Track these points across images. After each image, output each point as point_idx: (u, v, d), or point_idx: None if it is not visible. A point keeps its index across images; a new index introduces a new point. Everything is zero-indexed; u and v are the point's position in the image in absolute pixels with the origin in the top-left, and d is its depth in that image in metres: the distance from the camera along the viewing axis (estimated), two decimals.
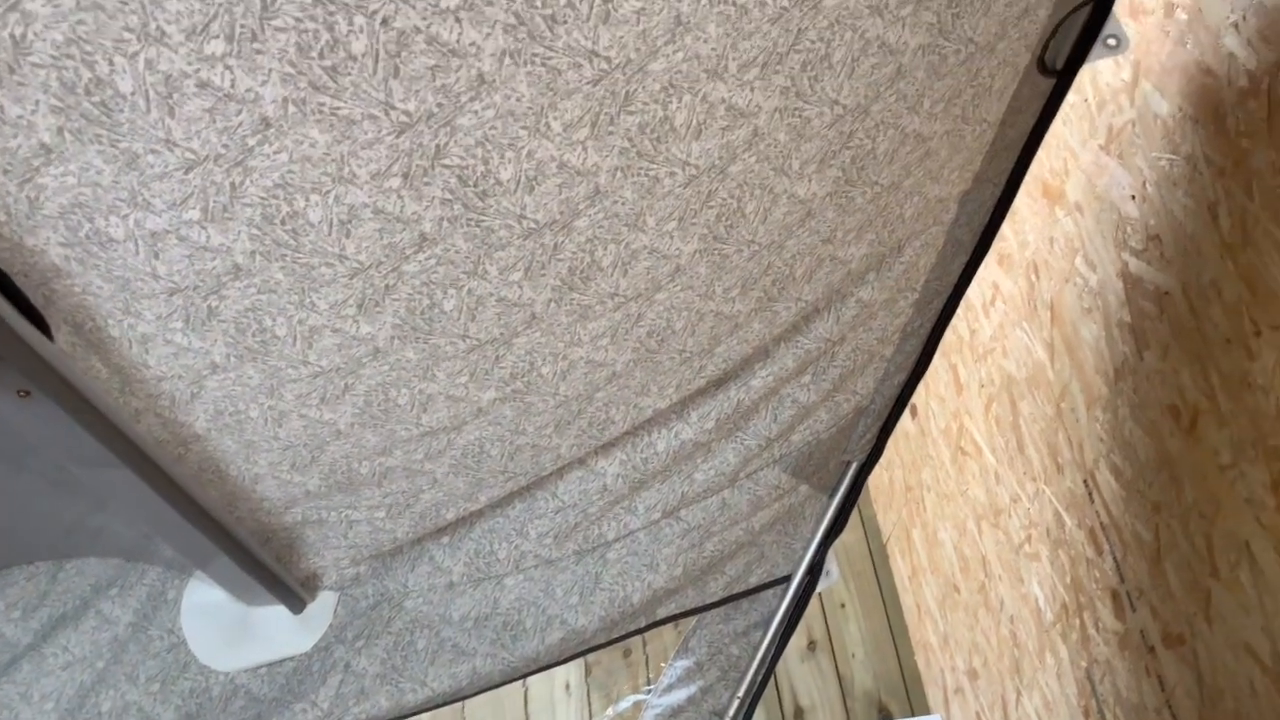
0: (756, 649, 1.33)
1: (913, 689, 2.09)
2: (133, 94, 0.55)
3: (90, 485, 0.98)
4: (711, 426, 1.15)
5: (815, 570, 1.34)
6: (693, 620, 1.36)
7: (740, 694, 1.31)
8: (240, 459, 0.95)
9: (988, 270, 1.45)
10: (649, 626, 1.27)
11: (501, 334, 0.84)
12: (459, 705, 2.02)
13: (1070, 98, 1.16)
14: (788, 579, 1.34)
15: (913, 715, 2.04)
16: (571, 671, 2.07)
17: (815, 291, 1.03)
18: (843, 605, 2.20)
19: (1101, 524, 1.20)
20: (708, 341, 1.01)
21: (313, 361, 0.81)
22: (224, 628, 1.24)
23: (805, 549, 1.33)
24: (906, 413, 2.01)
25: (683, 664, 1.35)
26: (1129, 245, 1.05)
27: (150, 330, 0.75)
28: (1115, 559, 1.18)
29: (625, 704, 2.01)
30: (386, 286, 0.74)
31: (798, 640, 2.13)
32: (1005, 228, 1.38)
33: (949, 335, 1.68)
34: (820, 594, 2.20)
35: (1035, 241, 1.26)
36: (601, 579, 1.22)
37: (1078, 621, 1.28)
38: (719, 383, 1.11)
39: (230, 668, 1.22)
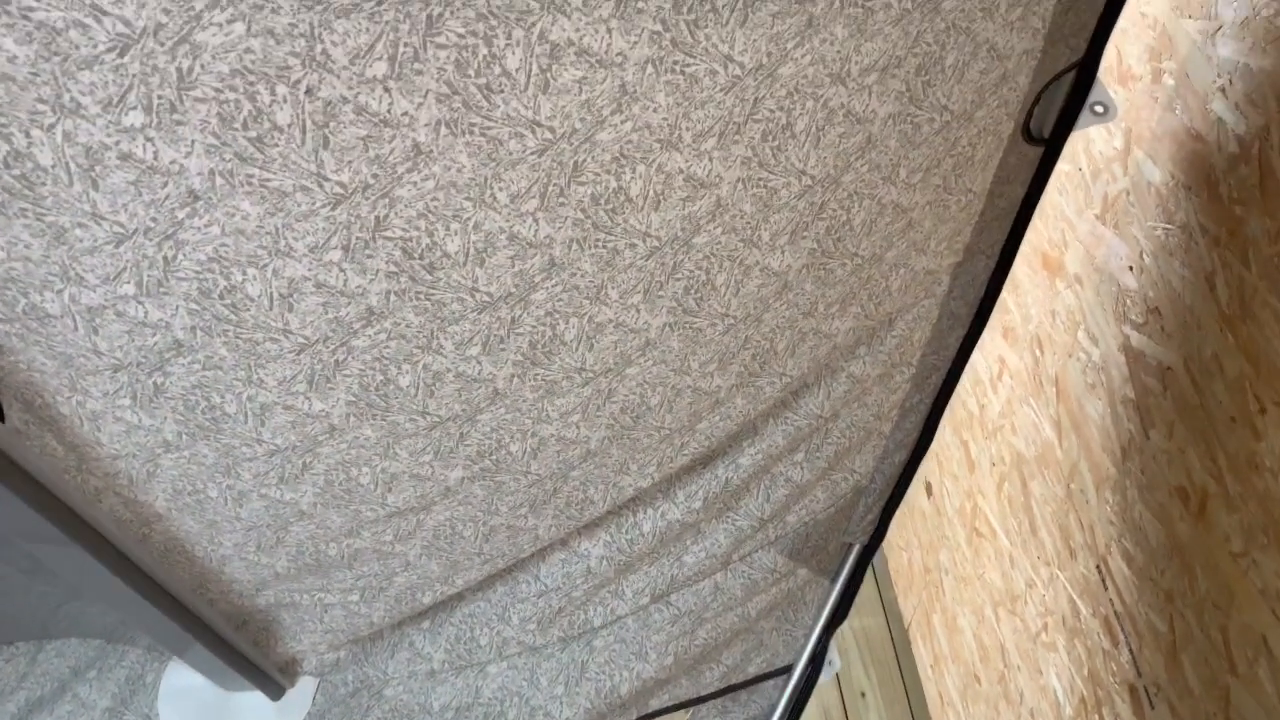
0: None
1: None
2: (53, 167, 0.54)
3: (60, 572, 0.96)
4: (699, 506, 1.11)
5: (817, 660, 1.27)
6: (688, 713, 1.30)
7: None
8: (205, 540, 0.93)
9: (994, 344, 1.41)
10: None
11: (464, 410, 0.82)
12: None
13: (1064, 166, 1.14)
14: (789, 669, 1.27)
15: None
16: None
17: (800, 366, 1.00)
18: (863, 694, 2.11)
19: (1116, 613, 1.13)
20: (687, 418, 0.97)
21: (267, 440, 0.79)
22: (201, 713, 1.20)
23: (807, 637, 1.27)
24: (922, 492, 1.94)
25: None
26: (1129, 318, 1.01)
27: (99, 407, 0.74)
28: (1131, 651, 1.11)
29: None
30: (336, 362, 0.72)
31: None
32: (1008, 300, 1.35)
33: (959, 411, 1.63)
34: (840, 682, 2.11)
35: (1038, 315, 1.22)
36: (588, 668, 1.17)
37: (1097, 718, 1.20)
38: (705, 461, 1.07)
39: None
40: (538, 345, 0.78)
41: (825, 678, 1.26)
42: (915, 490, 1.97)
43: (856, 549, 1.25)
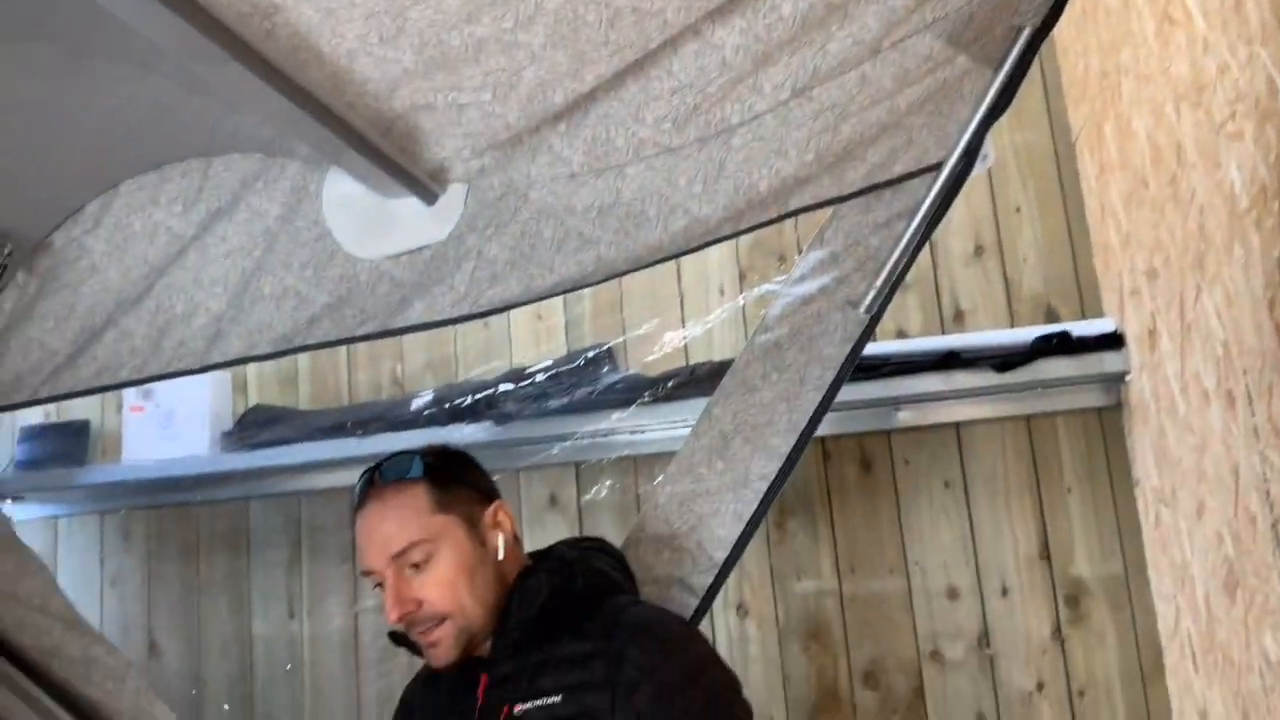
0: (899, 240, 1.24)
1: (1086, 293, 1.98)
2: None
3: (211, 82, 0.97)
4: None
5: (971, 154, 1.20)
6: (829, 211, 1.28)
7: (878, 284, 1.25)
8: (327, 31, 0.91)
9: None
10: (780, 217, 1.21)
11: None
12: (617, 295, 2.08)
13: None
14: (938, 166, 1.21)
15: (1083, 318, 1.95)
16: (725, 276, 2.08)
17: None
18: (1018, 209, 2.05)
19: None
20: None
21: None
22: (365, 219, 1.28)
23: (961, 132, 1.18)
24: None
25: (817, 255, 1.29)
26: None
27: None
28: None
29: (756, 293, 2.01)
30: None
31: (963, 244, 2.03)
32: None
33: None
34: (994, 196, 2.05)
35: None
36: (725, 167, 1.15)
37: (1276, 205, 1.12)
38: None
39: (374, 255, 1.27)
40: None
41: (978, 171, 1.20)
42: None
43: (1026, 33, 1.12)
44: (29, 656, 1.36)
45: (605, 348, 1.95)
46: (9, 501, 2.23)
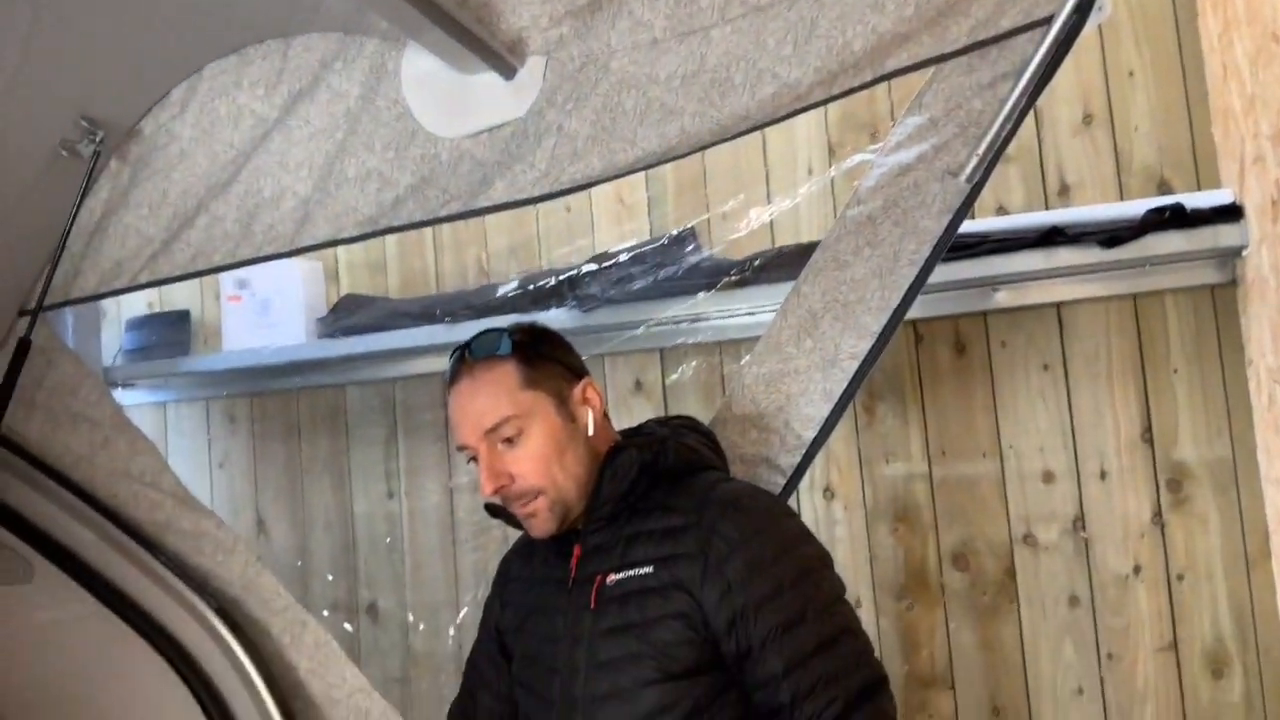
0: (1004, 102, 1.16)
1: (1203, 163, 1.84)
2: None
3: None
4: None
5: (1084, 7, 1.11)
6: (927, 74, 1.20)
7: (980, 151, 1.18)
8: None
9: None
10: (876, 80, 1.14)
11: None
12: (700, 171, 2.03)
13: None
14: (1049, 20, 1.12)
15: (1199, 190, 1.83)
16: (814, 152, 2.00)
17: None
18: (1131, 73, 1.90)
19: None
20: None
21: None
22: (444, 97, 1.25)
23: None
24: None
25: (914, 121, 1.22)
26: None
27: None
28: None
29: (851, 162, 1.93)
30: None
31: (1071, 113, 1.90)
32: None
33: None
34: (1105, 60, 1.91)
35: None
36: (817, 25, 1.09)
37: None
38: None
39: (454, 134, 1.25)
40: None
41: (1091, 25, 1.11)
42: None
43: None
44: (145, 531, 1.44)
45: (689, 227, 1.91)
46: (120, 388, 2.34)
